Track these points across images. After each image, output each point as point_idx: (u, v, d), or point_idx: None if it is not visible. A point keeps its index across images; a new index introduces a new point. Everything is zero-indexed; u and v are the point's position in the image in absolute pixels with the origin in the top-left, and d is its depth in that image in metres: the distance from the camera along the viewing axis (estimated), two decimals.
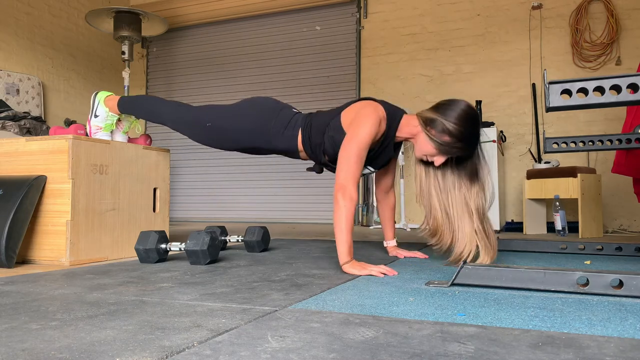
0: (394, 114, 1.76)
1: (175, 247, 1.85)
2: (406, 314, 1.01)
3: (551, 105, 1.23)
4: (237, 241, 2.30)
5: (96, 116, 2.14)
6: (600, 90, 1.18)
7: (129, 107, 2.11)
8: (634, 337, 0.84)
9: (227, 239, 2.31)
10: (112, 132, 2.18)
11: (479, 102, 3.96)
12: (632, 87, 1.16)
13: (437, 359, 0.72)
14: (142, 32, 4.72)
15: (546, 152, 2.14)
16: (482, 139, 1.70)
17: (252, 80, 5.53)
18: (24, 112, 3.90)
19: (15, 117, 3.71)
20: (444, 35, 4.74)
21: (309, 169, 1.96)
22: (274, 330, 0.88)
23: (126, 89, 4.73)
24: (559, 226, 3.46)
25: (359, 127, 1.65)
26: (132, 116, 2.21)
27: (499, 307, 1.08)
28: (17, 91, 4.46)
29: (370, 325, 0.92)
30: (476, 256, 1.67)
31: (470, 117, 1.64)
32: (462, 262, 1.37)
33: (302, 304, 1.11)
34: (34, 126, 3.77)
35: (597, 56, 4.20)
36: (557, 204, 3.44)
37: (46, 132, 3.80)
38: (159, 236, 1.84)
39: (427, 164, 1.78)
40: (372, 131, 1.66)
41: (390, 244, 2.10)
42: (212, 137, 1.94)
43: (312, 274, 1.55)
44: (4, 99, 4.26)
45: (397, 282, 1.41)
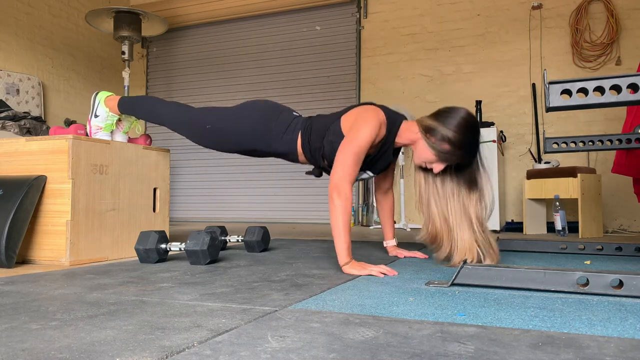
0: (394, 119, 1.76)
1: (175, 247, 1.85)
2: (406, 314, 1.01)
3: (551, 105, 1.23)
4: (237, 241, 2.30)
5: (96, 116, 2.14)
6: (600, 90, 1.18)
7: (129, 107, 2.11)
8: (634, 337, 0.84)
9: (227, 239, 2.31)
10: (112, 132, 2.18)
11: (479, 102, 3.96)
12: (632, 87, 1.16)
13: (437, 359, 0.72)
14: (142, 32, 4.72)
15: (546, 152, 2.14)
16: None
17: (252, 80, 5.53)
18: (24, 112, 3.90)
19: (15, 117, 3.71)
20: (444, 35, 4.74)
21: (308, 173, 1.96)
22: (274, 330, 0.88)
23: (126, 89, 4.73)
24: (559, 226, 3.46)
25: (359, 129, 1.65)
26: (133, 116, 2.21)
27: (499, 307, 1.08)
28: (17, 91, 4.46)
29: (370, 325, 0.92)
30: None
31: (470, 125, 1.64)
32: (462, 262, 1.37)
33: (302, 304, 1.11)
34: (34, 126, 3.77)
35: (597, 56, 4.20)
36: (557, 204, 3.44)
37: (46, 132, 3.80)
38: (159, 236, 1.84)
39: (427, 170, 1.78)
40: (372, 134, 1.66)
41: (390, 243, 2.10)
42: (212, 139, 1.94)
43: (312, 274, 1.55)
44: (4, 99, 4.26)
45: (397, 282, 1.41)
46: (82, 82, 5.33)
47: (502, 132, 4.23)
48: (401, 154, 4.30)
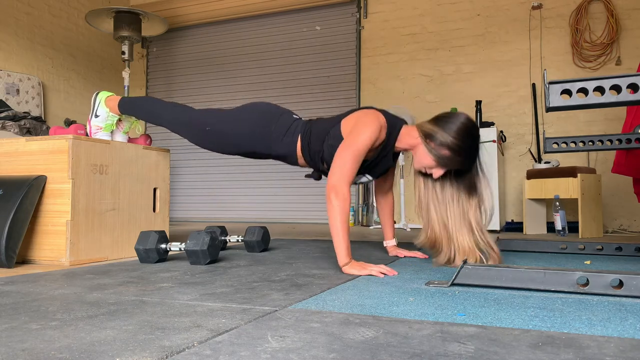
0: (394, 123, 1.75)
1: (175, 247, 1.85)
2: (406, 314, 1.01)
3: (551, 105, 1.23)
4: (237, 241, 2.30)
5: (97, 116, 2.14)
6: (600, 90, 1.18)
7: (129, 108, 2.11)
8: (634, 337, 0.84)
9: (227, 239, 2.31)
10: (112, 132, 2.18)
11: (479, 102, 3.96)
12: (632, 87, 1.16)
13: (437, 359, 0.72)
14: (142, 32, 4.72)
15: (546, 152, 2.14)
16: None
17: (252, 80, 5.53)
18: (24, 112, 3.90)
19: (15, 117, 3.71)
20: (444, 35, 4.74)
21: (308, 176, 1.96)
22: (274, 330, 0.88)
23: (126, 89, 4.73)
24: (559, 226, 3.46)
25: (359, 132, 1.65)
26: (133, 117, 2.21)
27: (499, 307, 1.08)
28: (17, 91, 4.46)
29: (370, 325, 0.92)
30: None
31: (469, 131, 1.64)
32: (462, 262, 1.37)
33: (302, 304, 1.11)
34: (34, 126, 3.77)
35: (597, 56, 4.20)
36: (557, 204, 3.44)
37: (46, 132, 3.80)
38: (159, 236, 1.84)
39: (426, 175, 1.77)
40: (372, 137, 1.65)
41: (390, 243, 2.10)
42: (213, 141, 1.94)
43: (312, 274, 1.55)
44: (4, 99, 4.26)
45: (397, 282, 1.41)
46: (82, 82, 5.33)
47: (502, 132, 4.23)
48: (401, 154, 4.30)
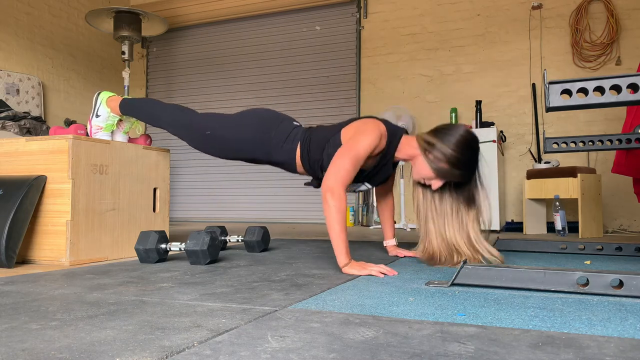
0: (394, 132, 1.75)
1: (175, 247, 1.85)
2: (406, 314, 1.01)
3: (551, 105, 1.23)
4: (237, 241, 2.30)
5: (97, 116, 2.14)
6: (600, 90, 1.18)
7: (130, 109, 2.11)
8: (634, 337, 0.84)
9: (227, 239, 2.31)
10: (112, 132, 2.18)
11: (479, 102, 3.96)
12: (632, 87, 1.16)
13: (437, 359, 0.72)
14: (142, 32, 4.72)
15: (546, 152, 2.14)
16: (481, 161, 1.70)
17: (252, 80, 5.54)
18: (24, 112, 3.90)
19: (15, 117, 3.71)
20: (444, 35, 4.74)
21: (307, 184, 1.95)
22: (274, 330, 0.88)
23: (126, 89, 4.73)
24: (559, 226, 3.46)
25: (360, 139, 1.65)
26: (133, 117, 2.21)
27: (499, 307, 1.08)
28: (17, 91, 4.46)
29: (370, 325, 0.92)
30: None
31: (469, 143, 1.64)
32: (462, 262, 1.37)
33: (302, 304, 1.11)
34: (34, 126, 3.77)
35: (597, 56, 4.20)
36: (557, 204, 3.44)
37: (46, 132, 3.80)
38: (159, 236, 1.84)
39: (425, 186, 1.77)
40: (372, 145, 1.65)
41: (390, 243, 2.10)
42: (214, 146, 1.93)
43: (312, 274, 1.55)
44: (4, 99, 4.26)
45: (397, 282, 1.41)
46: (82, 82, 5.33)
47: (502, 132, 4.23)
48: None
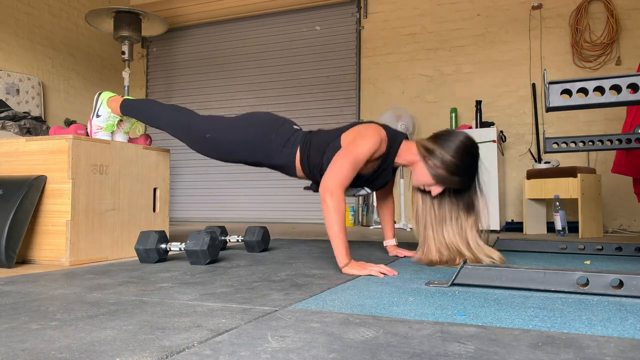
0: (394, 137, 1.75)
1: (175, 247, 1.85)
2: (406, 314, 1.01)
3: (551, 105, 1.23)
4: (237, 241, 2.30)
5: (98, 116, 2.14)
6: (600, 90, 1.18)
7: (130, 110, 2.11)
8: (634, 337, 0.84)
9: (227, 239, 2.31)
10: (112, 132, 2.18)
11: (479, 102, 3.96)
12: (632, 87, 1.16)
13: (437, 359, 0.72)
14: (142, 32, 4.72)
15: (546, 152, 2.14)
16: (481, 167, 1.70)
17: (252, 80, 5.53)
18: (24, 112, 3.90)
19: (15, 117, 3.71)
20: (444, 35, 4.74)
21: (306, 188, 1.94)
22: (274, 330, 0.88)
23: (126, 89, 4.73)
24: (559, 226, 3.46)
25: (360, 142, 1.65)
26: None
27: (499, 307, 1.08)
28: (17, 91, 4.46)
29: (370, 325, 0.92)
30: None
31: (468, 150, 1.64)
32: (462, 262, 1.37)
33: (302, 304, 1.11)
34: (34, 126, 3.77)
35: (597, 56, 4.20)
36: (557, 204, 3.44)
37: (46, 132, 3.80)
38: (159, 236, 1.84)
39: (425, 192, 1.77)
40: (372, 148, 1.65)
41: (390, 243, 2.10)
42: (213, 149, 1.93)
43: (312, 274, 1.55)
44: (4, 99, 4.26)
45: (397, 282, 1.41)
46: (82, 82, 5.33)
47: (502, 132, 4.23)
48: None
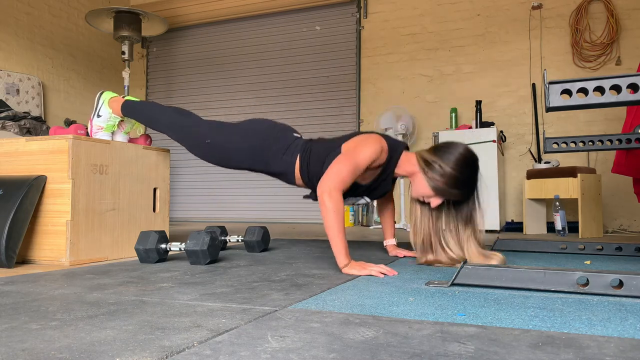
0: (395, 147, 1.76)
1: (175, 247, 1.85)
2: (406, 314, 1.01)
3: (551, 105, 1.23)
4: (237, 241, 2.30)
5: (99, 116, 2.14)
6: (600, 90, 1.18)
7: (131, 111, 2.11)
8: (634, 337, 0.84)
9: (227, 239, 2.31)
10: (113, 132, 2.18)
11: (479, 102, 3.96)
12: (632, 87, 1.16)
13: (437, 359, 0.72)
14: (142, 32, 4.72)
15: (546, 152, 2.14)
16: (480, 179, 1.70)
17: (252, 80, 5.53)
18: (24, 112, 3.90)
19: (15, 117, 3.71)
20: (444, 35, 4.74)
21: (306, 197, 1.94)
22: (274, 330, 0.88)
23: (126, 89, 4.73)
24: (559, 226, 3.46)
25: (360, 149, 1.65)
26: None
27: (499, 307, 1.08)
28: (17, 91, 4.46)
29: (370, 325, 0.92)
30: None
31: (468, 162, 1.64)
32: (462, 262, 1.37)
33: (302, 304, 1.11)
34: (34, 126, 3.77)
35: (597, 56, 4.20)
36: (557, 204, 3.44)
37: (46, 132, 3.80)
38: (159, 236, 1.84)
39: (423, 203, 1.77)
40: (372, 156, 1.65)
41: (389, 243, 2.10)
42: (213, 155, 1.93)
43: (312, 274, 1.55)
44: (4, 99, 4.26)
45: (397, 282, 1.41)
46: (82, 82, 5.33)
47: (502, 132, 4.23)
48: None
